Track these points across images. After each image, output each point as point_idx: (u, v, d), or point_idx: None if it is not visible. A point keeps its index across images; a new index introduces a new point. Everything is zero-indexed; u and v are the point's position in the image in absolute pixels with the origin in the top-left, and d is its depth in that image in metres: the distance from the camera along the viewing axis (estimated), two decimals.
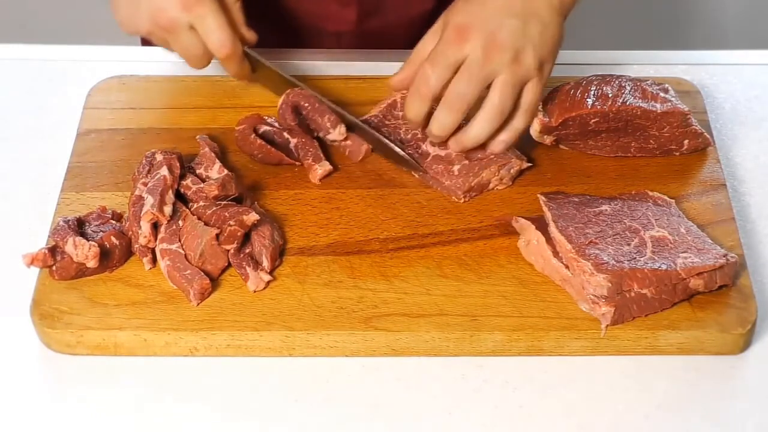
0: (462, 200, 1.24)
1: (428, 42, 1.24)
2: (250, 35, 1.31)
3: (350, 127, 1.29)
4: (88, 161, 1.28)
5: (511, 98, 1.21)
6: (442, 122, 1.22)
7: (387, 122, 1.30)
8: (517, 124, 1.24)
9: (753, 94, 1.40)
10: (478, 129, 1.22)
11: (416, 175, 1.26)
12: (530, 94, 1.22)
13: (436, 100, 1.22)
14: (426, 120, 1.24)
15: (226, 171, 1.23)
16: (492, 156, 1.25)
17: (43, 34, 2.52)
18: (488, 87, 1.20)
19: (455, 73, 1.20)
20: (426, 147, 1.27)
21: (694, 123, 1.27)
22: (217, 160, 1.24)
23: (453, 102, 1.21)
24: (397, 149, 1.26)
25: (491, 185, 1.25)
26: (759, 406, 1.11)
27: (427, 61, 1.21)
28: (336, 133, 1.27)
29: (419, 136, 1.28)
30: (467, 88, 1.20)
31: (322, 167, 1.25)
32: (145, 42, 1.56)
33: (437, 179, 1.25)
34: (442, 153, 1.26)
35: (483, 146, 1.25)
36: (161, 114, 1.34)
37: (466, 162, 1.25)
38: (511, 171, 1.25)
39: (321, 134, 1.28)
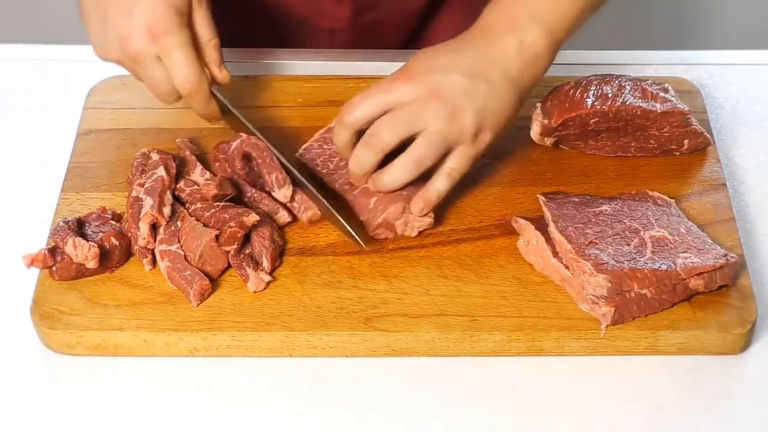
0: (378, 237, 1.20)
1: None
2: (223, 76, 1.24)
3: (300, 186, 1.22)
4: (88, 161, 1.28)
5: (433, 154, 1.16)
6: (358, 159, 1.18)
7: (325, 147, 1.26)
8: (438, 185, 1.18)
9: (753, 94, 1.40)
10: (392, 174, 1.17)
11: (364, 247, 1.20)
12: (455, 159, 1.17)
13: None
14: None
15: (207, 173, 1.22)
16: (403, 193, 1.19)
17: (43, 34, 2.52)
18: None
19: (385, 112, 1.16)
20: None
21: (694, 123, 1.27)
22: (198, 163, 1.24)
23: (370, 141, 1.17)
24: (344, 223, 1.18)
25: (398, 229, 1.20)
26: (759, 406, 1.11)
27: (362, 92, 1.18)
28: (280, 195, 1.21)
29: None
30: (388, 131, 1.16)
31: (281, 217, 1.21)
32: None
33: (358, 213, 1.21)
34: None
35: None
36: (161, 114, 1.34)
37: (380, 195, 1.20)
38: (416, 223, 1.20)
39: (267, 190, 1.22)
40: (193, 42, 1.21)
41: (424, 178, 1.18)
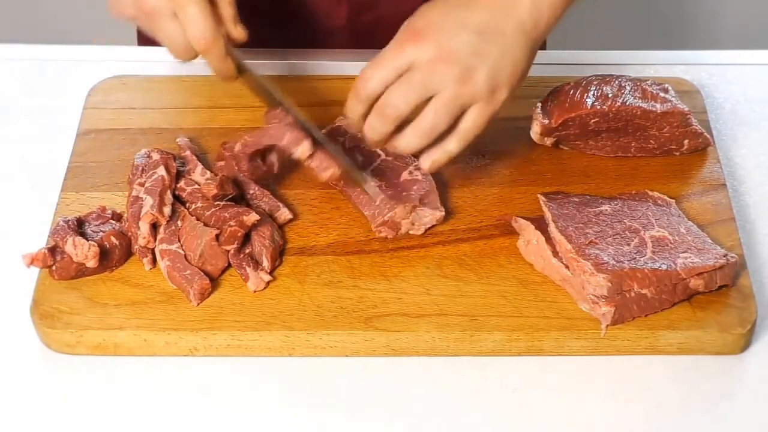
0: (379, 234, 1.20)
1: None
2: (239, 33, 1.22)
3: (320, 146, 1.21)
4: (88, 161, 1.28)
5: (445, 119, 1.14)
6: (373, 128, 1.16)
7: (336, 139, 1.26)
8: (450, 146, 1.17)
9: (753, 94, 1.40)
10: (405, 141, 1.16)
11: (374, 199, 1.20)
12: (471, 119, 1.14)
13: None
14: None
15: (208, 173, 1.22)
16: (412, 195, 1.20)
17: (43, 34, 2.52)
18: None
19: (399, 76, 1.14)
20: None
21: (694, 123, 1.27)
22: (198, 163, 1.24)
23: (384, 110, 1.15)
24: (364, 177, 1.18)
25: (403, 228, 1.20)
26: (759, 406, 1.11)
27: (372, 61, 1.16)
28: (299, 152, 1.19)
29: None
30: (401, 100, 1.14)
31: (282, 215, 1.22)
32: (144, 42, 1.56)
33: (360, 207, 1.21)
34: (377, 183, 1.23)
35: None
36: (161, 114, 1.34)
37: (390, 193, 1.21)
38: (424, 219, 1.20)
39: (283, 143, 1.20)
40: None
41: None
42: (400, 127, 1.16)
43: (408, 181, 1.23)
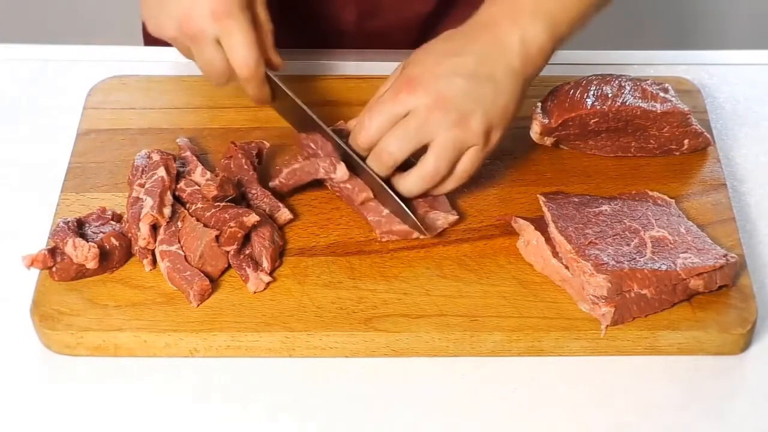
0: (382, 239, 1.20)
1: (384, 88, 1.21)
2: (277, 60, 1.25)
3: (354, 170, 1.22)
4: (88, 161, 1.28)
5: (447, 162, 1.17)
6: (371, 169, 1.19)
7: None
8: (447, 187, 1.20)
9: (753, 94, 1.40)
10: (409, 185, 1.19)
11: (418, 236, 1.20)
12: (468, 161, 1.18)
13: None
14: None
15: (208, 174, 1.22)
16: (421, 201, 1.21)
17: (43, 34, 2.52)
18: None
19: (395, 123, 1.17)
20: None
21: (694, 123, 1.27)
22: (199, 164, 1.24)
23: (381, 157, 1.18)
24: (404, 207, 1.18)
25: (414, 233, 1.21)
26: (759, 406, 1.11)
27: (368, 109, 1.18)
28: (338, 176, 1.20)
29: None
30: (398, 146, 1.16)
31: (282, 215, 1.22)
32: (147, 41, 1.56)
33: (365, 214, 1.21)
34: None
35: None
36: (161, 114, 1.34)
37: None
38: (437, 224, 1.21)
39: (320, 176, 1.22)
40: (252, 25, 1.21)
41: None
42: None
43: None
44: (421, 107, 1.15)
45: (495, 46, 1.17)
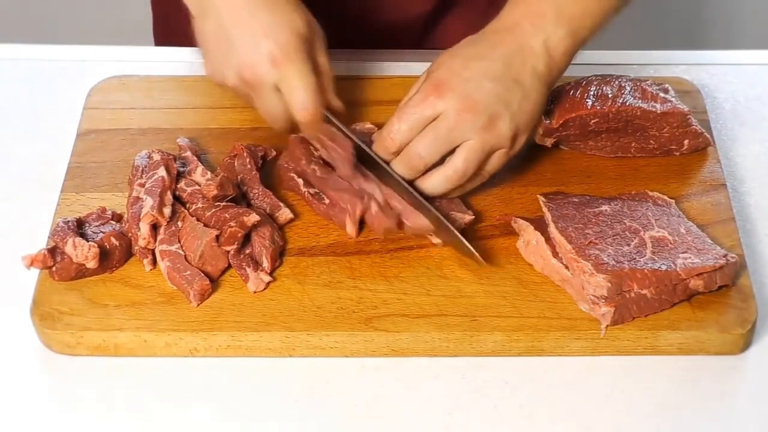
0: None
1: (412, 92, 1.21)
2: (337, 104, 1.24)
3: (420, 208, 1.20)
4: (88, 161, 1.28)
5: (475, 165, 1.18)
6: (397, 172, 1.20)
7: None
8: (468, 187, 1.21)
9: (753, 94, 1.40)
10: (434, 185, 1.19)
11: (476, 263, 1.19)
12: (493, 164, 1.19)
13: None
14: None
15: (209, 173, 1.22)
16: (436, 204, 1.20)
17: (43, 34, 2.52)
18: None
19: (424, 126, 1.17)
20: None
21: (694, 123, 1.27)
22: (199, 163, 1.24)
23: (411, 160, 1.18)
24: (464, 241, 1.17)
25: (432, 239, 1.21)
26: (759, 406, 1.11)
27: (397, 113, 1.19)
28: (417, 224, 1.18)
29: None
30: (428, 150, 1.17)
31: (283, 215, 1.22)
32: (158, 42, 1.56)
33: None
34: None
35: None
36: (161, 114, 1.34)
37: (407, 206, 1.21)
38: (453, 225, 1.20)
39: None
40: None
41: None
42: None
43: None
44: (451, 110, 1.16)
45: (520, 50, 1.18)
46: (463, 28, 1.28)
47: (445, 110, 1.16)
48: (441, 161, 1.19)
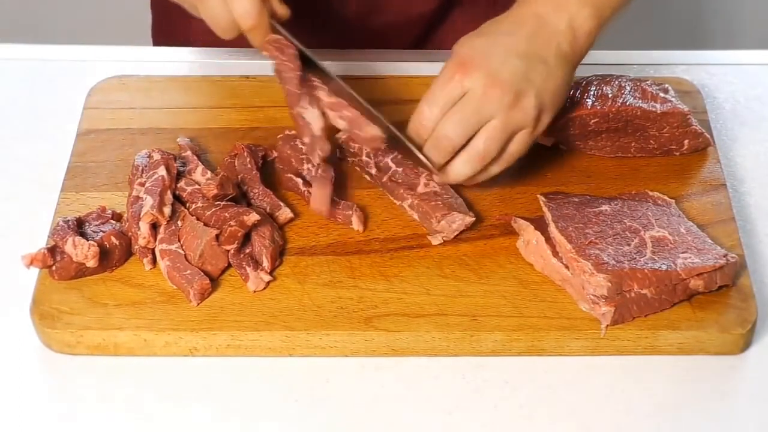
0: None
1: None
2: (282, 10, 1.21)
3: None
4: (88, 161, 1.28)
5: (497, 146, 1.17)
6: (429, 158, 1.19)
7: (351, 145, 1.27)
8: (493, 170, 1.20)
9: (753, 94, 1.40)
10: (457, 170, 1.18)
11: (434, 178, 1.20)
12: (517, 144, 1.18)
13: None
14: None
15: (209, 173, 1.22)
16: (440, 204, 1.20)
17: (43, 34, 2.52)
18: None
19: (453, 105, 1.16)
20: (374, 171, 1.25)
21: (694, 123, 1.27)
22: (199, 163, 1.24)
23: (440, 143, 1.17)
24: (414, 150, 1.18)
25: (434, 241, 1.20)
26: (759, 406, 1.11)
27: (425, 97, 1.17)
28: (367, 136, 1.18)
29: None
30: (455, 131, 1.16)
31: (283, 214, 1.22)
32: (156, 42, 1.56)
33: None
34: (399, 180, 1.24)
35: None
36: (161, 114, 1.34)
37: (415, 201, 1.22)
38: (453, 225, 1.20)
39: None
40: None
41: None
42: None
43: (428, 193, 1.22)
44: (478, 87, 1.14)
45: (544, 29, 1.17)
46: (466, 27, 1.27)
47: (472, 88, 1.15)
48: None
